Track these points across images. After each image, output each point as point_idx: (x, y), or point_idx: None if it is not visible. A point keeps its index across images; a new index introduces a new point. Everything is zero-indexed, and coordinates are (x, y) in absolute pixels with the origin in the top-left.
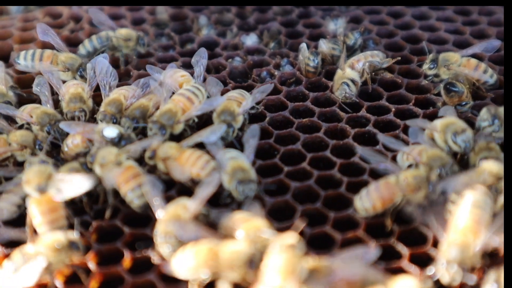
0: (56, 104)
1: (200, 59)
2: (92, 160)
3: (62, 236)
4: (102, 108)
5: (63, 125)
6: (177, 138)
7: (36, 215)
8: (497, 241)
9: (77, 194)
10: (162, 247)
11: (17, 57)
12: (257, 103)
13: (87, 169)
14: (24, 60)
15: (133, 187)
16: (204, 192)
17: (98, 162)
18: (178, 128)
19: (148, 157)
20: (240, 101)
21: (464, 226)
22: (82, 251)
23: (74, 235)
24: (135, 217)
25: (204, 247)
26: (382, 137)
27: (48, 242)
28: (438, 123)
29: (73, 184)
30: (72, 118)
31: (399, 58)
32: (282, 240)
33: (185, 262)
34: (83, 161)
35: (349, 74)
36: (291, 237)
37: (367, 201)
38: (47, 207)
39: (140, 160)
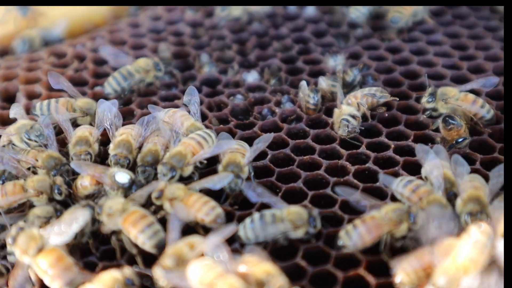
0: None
1: (192, 97)
2: (99, 211)
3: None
4: (113, 152)
5: (74, 165)
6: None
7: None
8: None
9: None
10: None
11: (33, 109)
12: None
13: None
14: (41, 111)
15: (143, 228)
16: (215, 238)
17: (106, 212)
18: (188, 171)
19: (155, 197)
20: (243, 153)
21: (460, 261)
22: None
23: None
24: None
25: (217, 269)
26: (382, 177)
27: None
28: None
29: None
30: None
31: (397, 99)
32: None
33: (194, 273)
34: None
35: (346, 110)
36: None
37: (357, 237)
38: (54, 257)
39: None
